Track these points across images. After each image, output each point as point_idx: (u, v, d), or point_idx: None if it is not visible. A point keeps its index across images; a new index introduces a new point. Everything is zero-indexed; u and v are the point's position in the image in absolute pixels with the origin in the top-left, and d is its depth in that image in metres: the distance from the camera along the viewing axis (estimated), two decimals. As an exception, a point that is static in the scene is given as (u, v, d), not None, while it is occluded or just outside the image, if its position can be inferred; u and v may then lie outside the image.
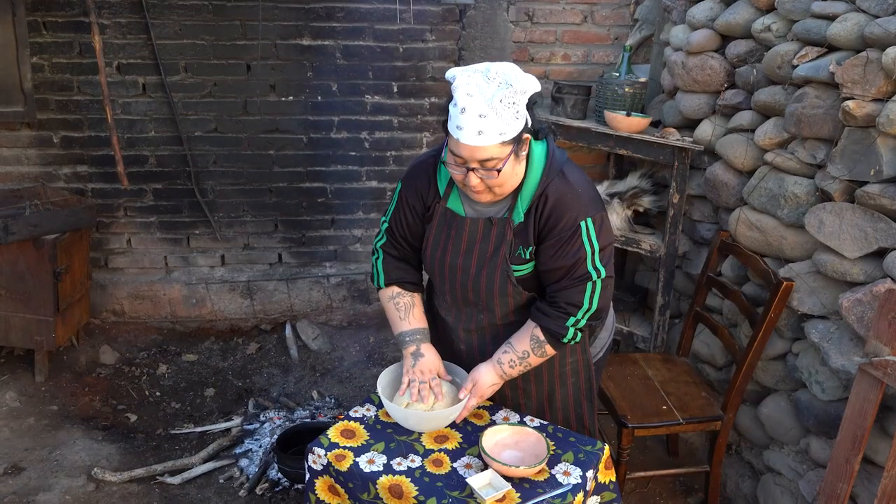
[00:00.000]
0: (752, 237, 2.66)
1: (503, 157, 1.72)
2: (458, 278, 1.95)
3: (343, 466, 1.79)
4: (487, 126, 1.67)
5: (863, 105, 2.12)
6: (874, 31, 2.10)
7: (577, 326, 1.85)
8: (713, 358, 2.96)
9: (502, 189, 1.81)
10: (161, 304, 3.80)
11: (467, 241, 1.91)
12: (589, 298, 1.83)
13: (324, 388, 3.42)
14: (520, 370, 1.94)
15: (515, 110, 1.70)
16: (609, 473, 1.91)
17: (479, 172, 1.74)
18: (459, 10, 3.56)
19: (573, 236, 1.80)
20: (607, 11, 3.69)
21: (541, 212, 1.82)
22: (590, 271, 1.82)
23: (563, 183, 1.82)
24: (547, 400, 2.07)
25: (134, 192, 3.64)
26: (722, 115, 2.94)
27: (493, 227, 1.88)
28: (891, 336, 1.95)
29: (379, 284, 2.09)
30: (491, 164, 1.72)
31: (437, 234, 1.96)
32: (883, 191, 2.10)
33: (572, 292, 1.83)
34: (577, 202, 1.81)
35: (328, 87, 3.61)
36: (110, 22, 3.36)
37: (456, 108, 1.69)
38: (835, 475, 2.12)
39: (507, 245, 1.86)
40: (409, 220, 2.00)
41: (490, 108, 1.66)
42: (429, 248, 1.99)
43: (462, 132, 1.69)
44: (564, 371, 2.05)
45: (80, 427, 3.04)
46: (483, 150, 1.69)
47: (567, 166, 1.86)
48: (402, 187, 2.00)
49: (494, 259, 1.88)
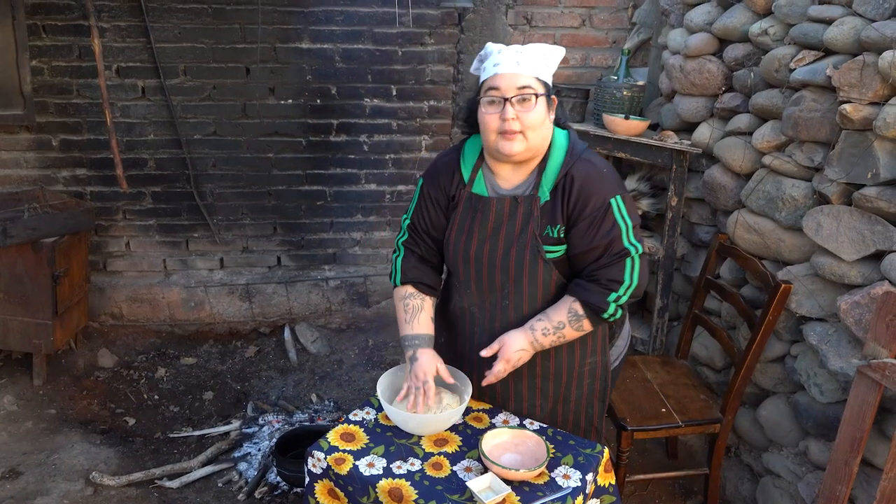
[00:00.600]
0: (750, 240, 2.67)
1: (539, 91, 1.81)
2: (485, 263, 1.93)
3: (343, 470, 1.79)
4: (524, 59, 1.82)
5: (860, 108, 2.13)
6: (870, 35, 2.11)
7: (618, 302, 1.84)
8: (712, 360, 2.97)
9: (535, 135, 1.83)
10: (160, 308, 3.80)
11: (494, 221, 1.92)
12: (630, 274, 1.84)
13: (323, 392, 3.42)
14: (552, 340, 1.89)
15: (545, 63, 1.86)
16: (609, 476, 1.91)
17: (517, 106, 1.80)
18: (458, 14, 3.57)
19: (606, 214, 1.82)
20: (605, 15, 3.70)
21: (568, 193, 1.84)
22: (627, 247, 1.83)
23: (587, 164, 1.87)
24: (562, 401, 2.05)
25: (133, 196, 3.65)
26: (720, 119, 2.95)
27: (519, 206, 1.89)
28: (889, 338, 1.96)
29: (395, 282, 2.08)
30: (528, 92, 1.80)
31: (462, 220, 1.96)
32: (880, 193, 2.10)
33: (613, 269, 1.83)
34: (604, 181, 1.85)
35: (327, 90, 3.62)
36: (110, 25, 3.37)
37: (491, 57, 1.86)
38: (834, 477, 2.13)
39: (535, 222, 1.87)
40: (432, 213, 2.02)
41: (525, 48, 1.85)
42: (452, 235, 1.98)
43: (500, 66, 1.82)
44: (583, 371, 2.02)
45: (79, 431, 3.04)
46: (521, 76, 1.80)
47: (588, 152, 1.92)
48: (423, 183, 2.04)
49: (523, 236, 1.88)
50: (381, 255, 3.97)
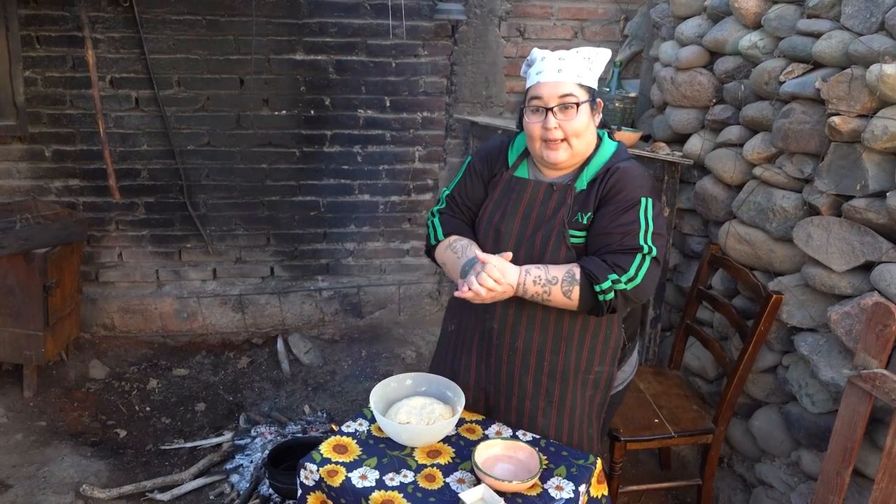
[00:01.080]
0: (741, 250, 2.68)
1: (581, 98, 1.85)
2: (512, 240, 1.95)
3: (335, 482, 1.79)
4: (566, 66, 1.86)
5: (848, 121, 2.16)
6: (858, 48, 2.13)
7: (616, 286, 1.79)
8: (704, 371, 2.98)
9: (579, 142, 1.88)
10: (152, 318, 3.79)
11: (527, 203, 1.95)
12: (636, 268, 1.81)
13: (316, 403, 3.41)
14: (537, 291, 1.83)
15: (589, 66, 1.89)
16: (602, 487, 1.91)
17: (559, 114, 1.84)
18: (451, 26, 3.60)
19: (632, 208, 1.84)
20: (597, 27, 3.73)
21: (605, 182, 1.88)
22: (641, 244, 1.83)
23: (632, 165, 1.91)
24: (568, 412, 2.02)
25: (126, 206, 3.64)
26: (711, 130, 2.97)
27: (554, 193, 1.93)
28: (879, 348, 1.97)
29: (437, 238, 2.06)
30: (570, 100, 1.83)
31: (499, 199, 2.01)
32: (869, 205, 2.12)
33: (622, 257, 1.82)
34: (644, 182, 1.88)
35: (321, 101, 3.63)
36: (104, 36, 3.37)
37: (535, 65, 1.91)
38: (826, 488, 2.13)
39: (567, 209, 1.90)
40: (474, 184, 2.08)
41: (567, 54, 1.89)
42: (487, 212, 2.02)
43: (542, 74, 1.87)
44: (588, 379, 2.00)
45: (69, 443, 3.02)
46: (563, 85, 1.84)
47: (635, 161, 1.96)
48: (472, 159, 2.12)
49: (552, 221, 1.91)
50: (374, 265, 3.97)
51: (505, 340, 1.99)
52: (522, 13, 3.67)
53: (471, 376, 2.09)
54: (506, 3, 3.62)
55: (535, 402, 2.01)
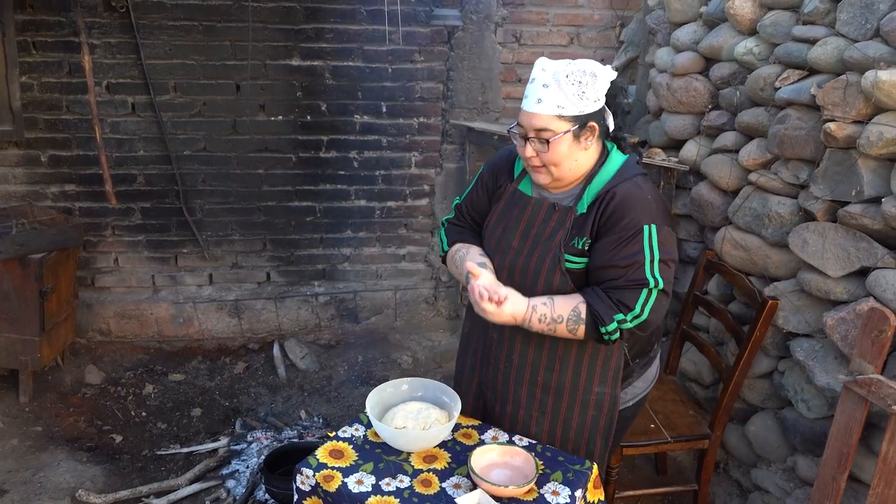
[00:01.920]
0: (737, 256, 2.69)
1: (558, 131, 1.78)
2: (510, 256, 1.94)
3: (331, 487, 1.78)
4: (548, 96, 1.77)
5: (843, 127, 2.16)
6: (853, 55, 2.14)
7: (622, 325, 1.77)
8: (700, 376, 2.98)
9: (559, 171, 1.84)
10: (148, 324, 3.78)
11: (527, 220, 1.94)
12: (642, 305, 1.76)
13: (312, 408, 3.40)
14: (541, 328, 1.83)
15: (581, 90, 1.78)
16: (598, 493, 1.91)
17: (535, 144, 1.81)
18: (448, 32, 3.61)
19: (634, 237, 1.77)
20: (593, 33, 3.74)
21: (604, 207, 1.81)
22: (647, 277, 1.76)
23: (634, 186, 1.82)
24: (562, 424, 2.01)
25: (122, 211, 3.64)
26: (706, 136, 2.98)
27: (555, 213, 1.90)
28: (874, 354, 1.98)
29: (444, 248, 2.12)
30: (545, 135, 1.78)
31: (503, 212, 2.00)
32: (864, 211, 2.13)
33: (626, 293, 1.77)
34: (645, 206, 1.79)
35: (317, 106, 3.63)
36: (100, 42, 3.38)
37: (529, 83, 1.83)
38: (821, 493, 2.13)
39: (565, 232, 1.86)
40: (480, 195, 2.08)
41: (554, 81, 1.77)
42: (491, 224, 2.02)
43: (526, 100, 1.82)
44: (588, 399, 1.98)
45: (65, 448, 3.01)
46: (539, 118, 1.78)
47: (643, 178, 1.88)
48: (483, 169, 2.11)
49: (548, 243, 1.88)
50: (370, 270, 3.97)
51: (502, 351, 2.00)
52: (518, 19, 3.68)
53: (473, 378, 2.12)
54: (502, 10, 3.64)
55: (529, 412, 2.02)
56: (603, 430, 2.02)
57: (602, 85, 1.81)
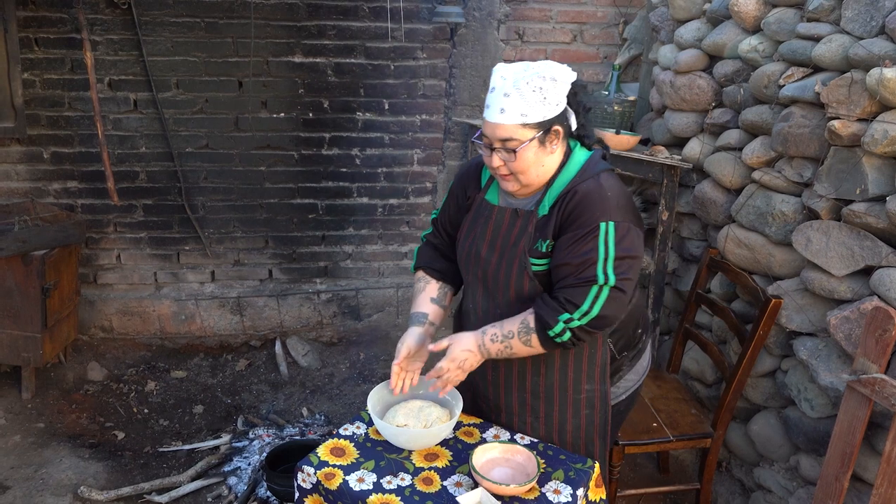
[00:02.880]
0: (740, 254, 2.68)
1: (523, 139, 1.77)
2: (481, 266, 1.95)
3: (333, 485, 1.78)
4: (510, 105, 1.75)
5: (848, 125, 2.15)
6: (858, 52, 2.13)
7: (569, 325, 1.76)
8: (703, 375, 2.97)
9: (526, 177, 1.83)
10: (150, 321, 3.78)
11: (493, 229, 1.94)
12: (591, 301, 1.76)
13: (313, 405, 3.40)
14: (499, 349, 1.85)
15: (543, 96, 1.76)
16: (599, 491, 1.90)
17: (501, 153, 1.80)
18: (450, 29, 3.60)
19: (588, 235, 1.76)
20: (596, 31, 3.73)
21: (565, 206, 1.80)
22: (598, 274, 1.75)
23: (594, 183, 1.81)
24: (557, 428, 2.01)
25: (124, 208, 3.64)
26: (710, 134, 2.97)
27: (518, 219, 1.89)
28: (878, 353, 1.97)
29: (412, 269, 2.17)
30: (511, 145, 1.77)
31: (472, 223, 2.00)
32: (868, 209, 2.12)
33: (575, 291, 1.77)
34: (603, 203, 1.77)
35: (319, 103, 3.63)
36: (102, 39, 3.37)
37: (489, 92, 1.81)
38: (824, 493, 2.13)
39: (528, 237, 1.86)
40: (452, 210, 2.08)
41: (515, 89, 1.75)
42: (462, 237, 2.03)
43: (488, 110, 1.80)
44: (579, 399, 1.97)
45: (67, 445, 3.01)
46: (503, 128, 1.77)
47: (606, 174, 1.85)
48: (454, 181, 2.10)
49: (514, 249, 1.88)
50: (372, 268, 3.97)
51: (488, 361, 1.98)
52: (521, 16, 3.67)
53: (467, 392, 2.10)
54: (505, 7, 3.62)
55: (523, 419, 2.03)
56: (599, 427, 2.02)
57: (563, 88, 1.80)
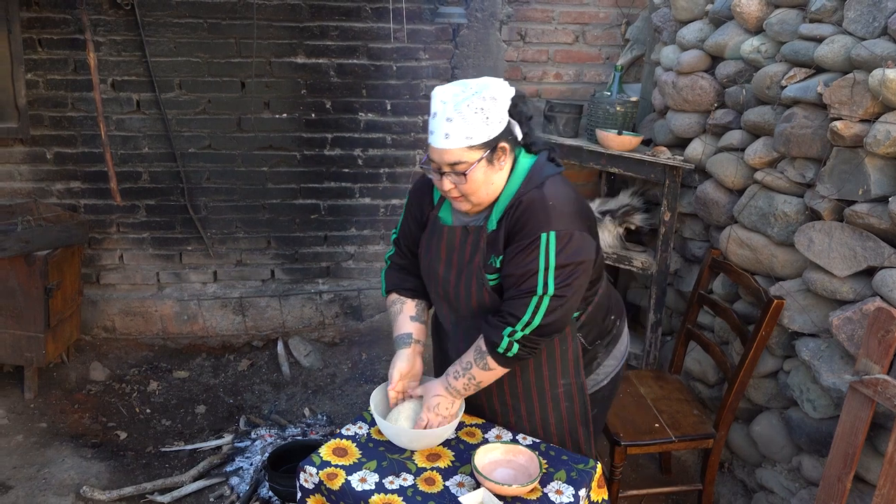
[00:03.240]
0: (742, 255, 2.68)
1: (471, 161, 1.76)
2: (440, 284, 1.98)
3: (335, 485, 1.78)
4: (454, 130, 1.74)
5: (850, 126, 2.15)
6: (861, 53, 2.13)
7: (513, 337, 1.77)
8: (705, 375, 2.97)
9: (477, 197, 1.83)
10: (152, 321, 3.78)
11: (446, 248, 1.94)
12: (532, 312, 1.77)
13: (315, 406, 3.41)
14: (464, 383, 1.89)
15: (485, 116, 1.75)
16: (602, 492, 1.90)
17: (451, 177, 1.79)
18: (452, 30, 3.60)
19: (530, 246, 1.76)
20: (599, 31, 3.73)
21: (511, 219, 1.81)
22: (538, 285, 1.76)
23: (537, 193, 1.80)
24: (540, 424, 2.03)
25: (127, 209, 3.64)
26: (712, 134, 2.97)
27: (469, 236, 1.90)
28: (881, 354, 1.97)
29: (383, 293, 2.16)
30: (460, 168, 1.77)
31: (428, 241, 2.00)
32: (871, 210, 2.12)
33: (516, 303, 1.79)
34: (544, 214, 1.77)
35: (322, 104, 3.63)
36: (105, 39, 3.38)
37: (430, 116, 1.80)
38: (827, 493, 2.13)
39: (482, 253, 1.87)
40: (412, 228, 2.07)
41: (457, 113, 1.73)
42: (421, 254, 2.03)
43: (433, 136, 1.78)
44: (557, 393, 2.00)
45: (69, 445, 3.02)
46: (450, 153, 1.76)
47: (552, 179, 1.84)
48: (408, 199, 2.09)
49: (469, 267, 1.90)
50: (374, 268, 3.97)
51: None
52: (524, 17, 3.67)
53: None
54: (507, 7, 3.63)
55: (506, 419, 2.06)
56: (580, 417, 2.05)
57: (503, 104, 1.79)
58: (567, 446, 2.04)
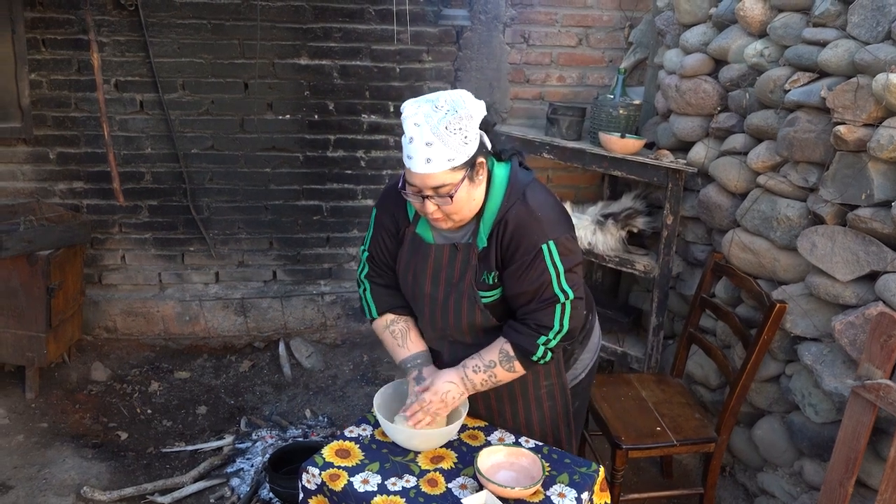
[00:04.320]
0: (745, 259, 2.68)
1: (455, 182, 1.74)
2: (427, 303, 1.96)
3: (337, 486, 1.78)
4: (435, 153, 1.70)
5: (854, 130, 2.15)
6: (864, 57, 2.13)
7: (548, 346, 1.84)
8: (707, 379, 2.97)
9: (460, 215, 1.82)
10: (154, 321, 3.78)
11: (433, 267, 1.92)
12: (559, 320, 1.83)
13: (317, 407, 3.41)
14: (483, 379, 1.89)
15: (464, 136, 1.72)
16: (604, 495, 1.90)
17: (435, 200, 1.76)
18: (456, 32, 3.60)
19: (535, 260, 1.79)
20: (602, 34, 3.74)
21: (501, 237, 1.83)
22: (557, 294, 1.81)
23: (523, 207, 1.81)
24: (524, 424, 2.07)
25: (129, 209, 3.64)
26: (715, 138, 2.97)
27: (458, 253, 1.89)
28: (883, 359, 1.97)
29: (372, 315, 2.08)
30: (444, 191, 1.74)
31: (408, 258, 1.97)
32: (874, 214, 2.12)
33: (542, 314, 1.83)
34: (537, 226, 1.80)
35: (325, 105, 3.63)
36: (109, 40, 3.38)
37: (405, 138, 1.73)
38: (828, 498, 2.12)
39: (473, 270, 1.87)
40: (388, 244, 2.01)
41: (436, 136, 1.69)
42: (400, 270, 2.00)
43: (412, 161, 1.72)
44: (540, 394, 2.03)
45: (70, 445, 3.02)
46: (433, 177, 1.72)
47: (530, 188, 1.86)
48: (376, 213, 2.03)
49: (460, 285, 1.89)
50: (376, 270, 3.96)
51: None
52: (527, 20, 3.67)
53: None
54: (510, 10, 3.63)
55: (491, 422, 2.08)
56: (562, 415, 2.08)
57: (477, 121, 1.77)
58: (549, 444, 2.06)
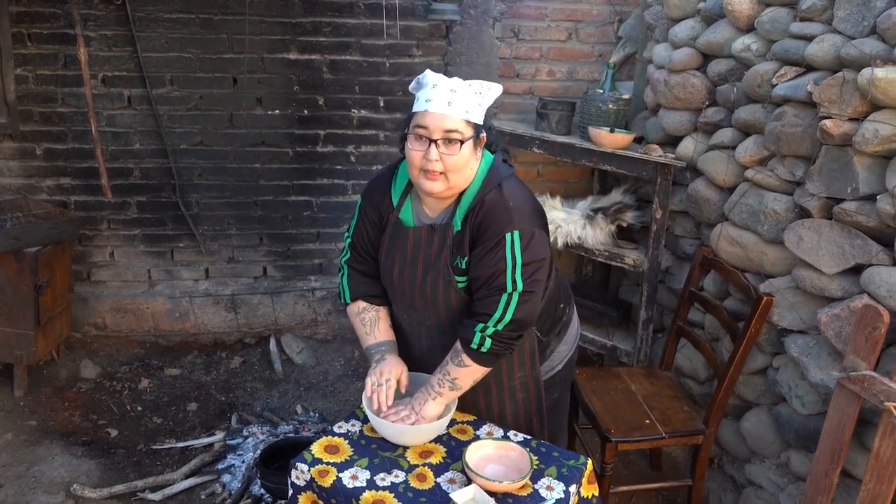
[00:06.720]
0: (733, 252, 2.69)
1: (466, 135, 1.81)
2: (406, 287, 1.98)
3: (326, 482, 1.79)
4: (457, 100, 1.81)
5: (840, 124, 2.17)
6: (850, 52, 2.15)
7: (485, 333, 1.84)
8: (695, 372, 2.99)
9: (456, 177, 1.84)
10: (144, 318, 3.77)
11: (412, 249, 1.96)
12: (502, 308, 1.83)
13: (308, 403, 3.41)
14: (446, 388, 1.92)
15: (480, 100, 1.86)
16: (592, 488, 1.92)
17: (441, 148, 1.80)
18: (446, 26, 3.60)
19: (496, 247, 1.82)
20: (592, 29, 3.74)
21: (475, 219, 1.86)
22: (506, 283, 1.83)
23: (497, 194, 1.86)
24: (498, 415, 2.10)
25: (118, 205, 3.62)
26: (703, 133, 2.98)
27: (435, 234, 1.92)
28: (868, 351, 1.98)
29: (345, 300, 2.12)
30: (455, 136, 1.79)
31: (389, 244, 2.00)
32: (859, 208, 2.14)
33: (487, 301, 1.85)
34: (506, 214, 1.83)
35: (315, 100, 3.62)
36: (96, 34, 3.36)
37: (426, 88, 1.84)
38: (814, 488, 2.15)
39: (448, 251, 1.90)
40: (370, 233, 2.05)
41: (460, 87, 1.83)
42: (382, 258, 2.03)
43: (431, 103, 1.81)
44: (514, 385, 2.07)
45: (60, 442, 3.01)
46: (450, 119, 1.79)
47: (508, 181, 1.90)
48: (361, 202, 2.07)
49: (436, 265, 1.92)
50: (367, 265, 3.96)
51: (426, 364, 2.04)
52: (517, 14, 3.67)
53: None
54: (500, 4, 3.63)
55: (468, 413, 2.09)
56: (535, 407, 2.12)
57: (492, 99, 1.89)
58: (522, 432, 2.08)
